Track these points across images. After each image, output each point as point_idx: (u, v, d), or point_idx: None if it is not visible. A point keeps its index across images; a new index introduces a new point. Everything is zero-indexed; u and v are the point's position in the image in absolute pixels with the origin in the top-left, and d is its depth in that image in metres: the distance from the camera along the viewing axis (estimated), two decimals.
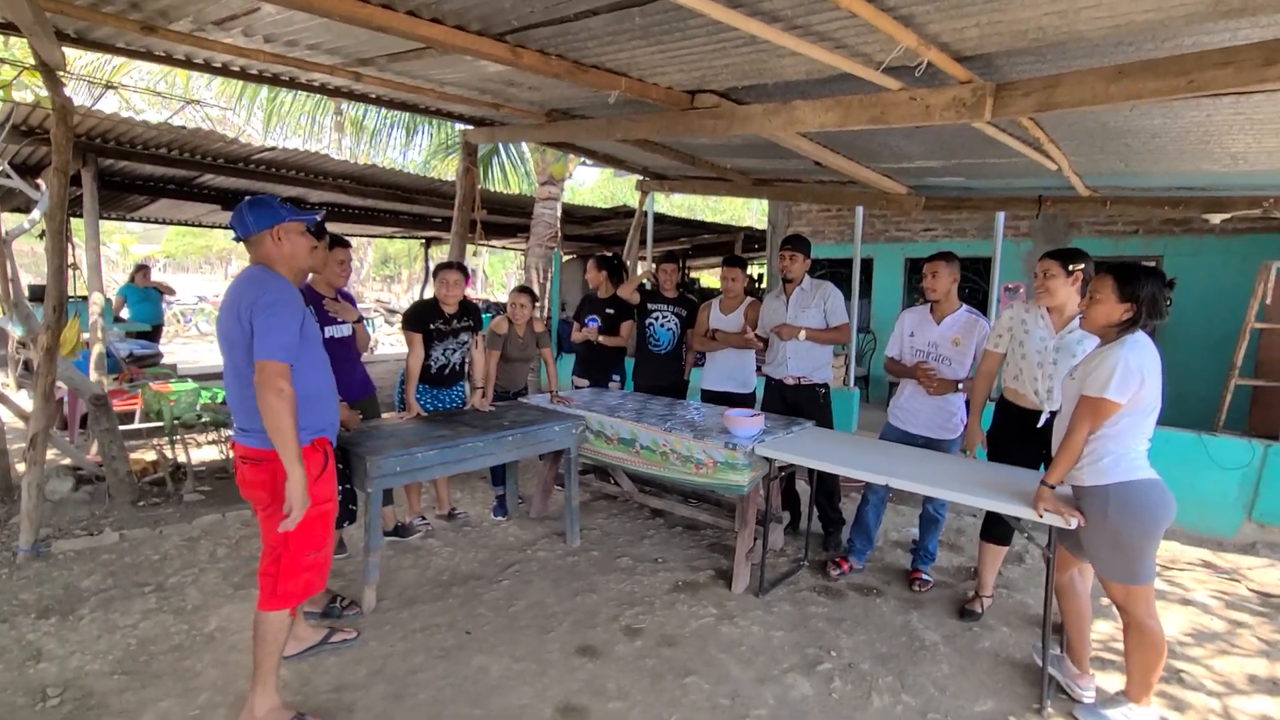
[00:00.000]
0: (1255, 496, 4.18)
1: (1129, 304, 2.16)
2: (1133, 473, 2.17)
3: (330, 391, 2.23)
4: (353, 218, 8.25)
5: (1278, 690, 2.61)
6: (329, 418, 2.20)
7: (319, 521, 2.13)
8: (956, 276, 3.22)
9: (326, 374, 2.20)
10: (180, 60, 3.46)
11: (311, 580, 2.18)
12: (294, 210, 2.14)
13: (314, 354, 2.14)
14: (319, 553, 2.17)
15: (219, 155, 5.61)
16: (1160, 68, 1.99)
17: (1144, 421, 2.19)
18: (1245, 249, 5.60)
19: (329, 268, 3.14)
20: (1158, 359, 2.19)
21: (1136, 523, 2.15)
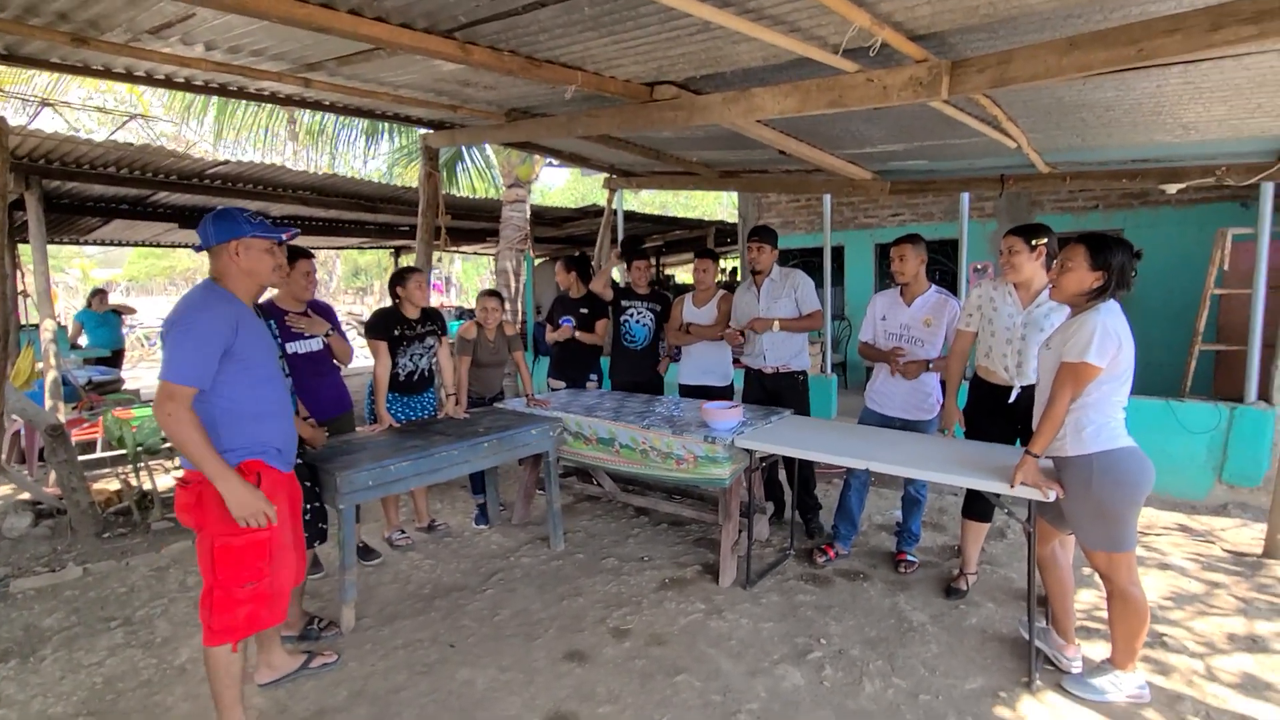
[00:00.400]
0: (1224, 459, 4.28)
1: (1100, 272, 2.18)
2: (1114, 441, 2.19)
3: (275, 411, 2.13)
4: (317, 229, 8.08)
5: (1256, 647, 2.66)
6: (267, 440, 2.09)
7: (249, 552, 2.03)
8: (924, 258, 3.23)
9: (268, 394, 2.10)
10: (120, 74, 3.33)
11: (256, 614, 2.07)
12: (261, 226, 2.07)
13: (251, 373, 2.04)
14: (256, 585, 2.05)
15: (171, 171, 5.44)
16: (1110, 38, 2.00)
17: (1121, 388, 2.22)
18: (1201, 218, 5.73)
19: (293, 280, 3.05)
20: (1128, 325, 2.21)
21: (1119, 490, 2.17)
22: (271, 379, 2.12)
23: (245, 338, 2.01)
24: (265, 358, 2.11)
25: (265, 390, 2.09)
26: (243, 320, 2.02)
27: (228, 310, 1.99)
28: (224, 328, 1.95)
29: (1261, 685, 2.41)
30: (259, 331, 2.10)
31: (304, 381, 3.08)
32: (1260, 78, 2.57)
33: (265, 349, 2.11)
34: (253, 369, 2.04)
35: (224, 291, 2.05)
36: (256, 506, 1.97)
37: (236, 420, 2.02)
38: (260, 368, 2.08)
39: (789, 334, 3.69)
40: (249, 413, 2.04)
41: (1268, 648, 2.65)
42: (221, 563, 2.01)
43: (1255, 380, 4.25)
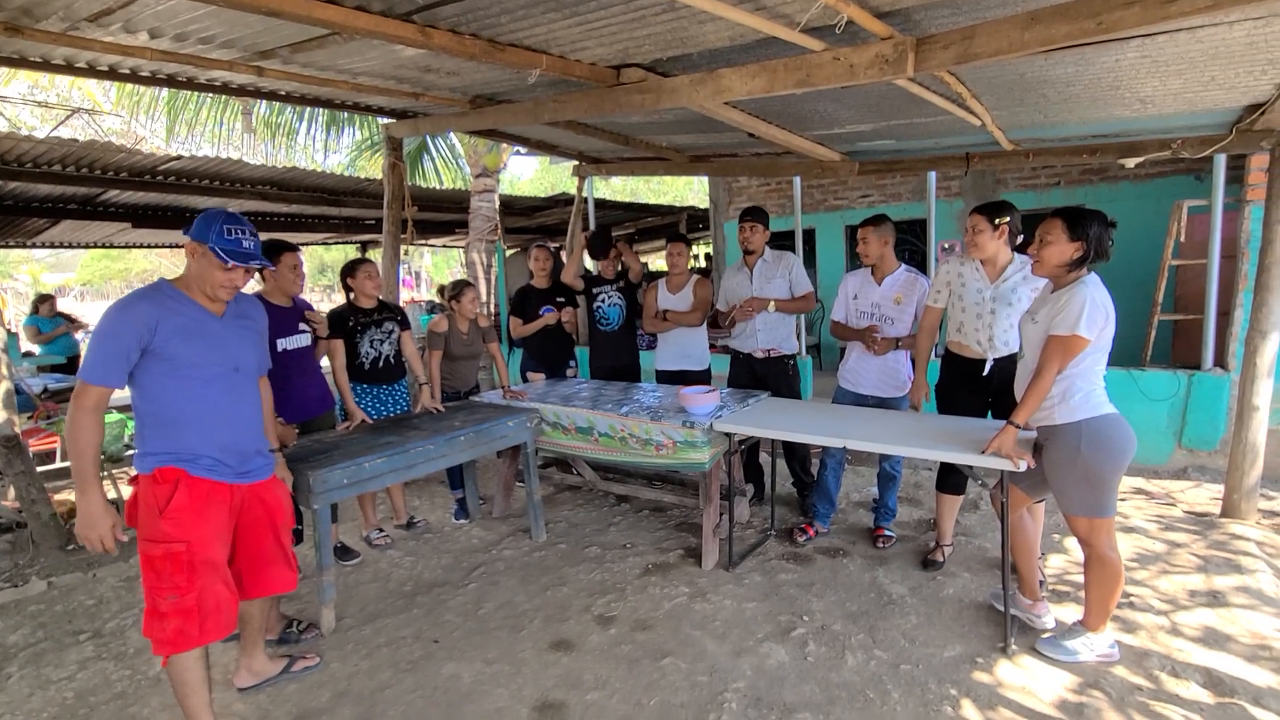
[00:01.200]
0: (1183, 424, 4.43)
1: (1079, 242, 2.24)
2: (1100, 408, 2.26)
3: (208, 418, 2.02)
4: (279, 226, 7.84)
5: (1216, 602, 2.77)
6: (194, 448, 1.99)
7: (165, 564, 1.94)
8: (888, 239, 3.28)
9: (201, 399, 2.00)
10: (60, 65, 3.17)
11: (183, 630, 1.96)
12: (231, 243, 1.98)
13: (180, 375, 1.96)
14: (179, 599, 1.95)
15: (121, 169, 5.22)
16: (1070, 11, 2.03)
17: (1102, 359, 2.28)
18: (1158, 192, 5.89)
19: (281, 275, 3.02)
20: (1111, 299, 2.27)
21: (1107, 456, 2.24)
22: (210, 383, 2.02)
23: (171, 338, 1.93)
24: (204, 361, 2.00)
25: (196, 395, 1.99)
26: (169, 319, 1.93)
27: (147, 309, 1.92)
28: (135, 327, 1.89)
29: (1222, 638, 2.52)
30: (199, 333, 2.00)
31: (292, 378, 3.07)
32: (1214, 50, 2.63)
33: (204, 353, 2.01)
34: (182, 371, 1.96)
35: (167, 289, 2.00)
36: (97, 532, 1.89)
37: (159, 423, 1.96)
38: (193, 370, 1.98)
39: (781, 316, 3.70)
40: (173, 416, 1.97)
41: (1227, 602, 2.76)
42: (143, 571, 1.97)
43: (1211, 348, 4.39)
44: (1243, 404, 3.63)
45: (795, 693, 2.31)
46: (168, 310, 1.95)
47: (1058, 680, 2.32)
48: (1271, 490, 4.03)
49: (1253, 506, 3.64)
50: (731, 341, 3.92)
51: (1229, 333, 4.35)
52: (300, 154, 10.26)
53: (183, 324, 1.97)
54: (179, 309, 1.98)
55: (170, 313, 1.95)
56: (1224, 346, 4.39)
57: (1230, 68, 2.84)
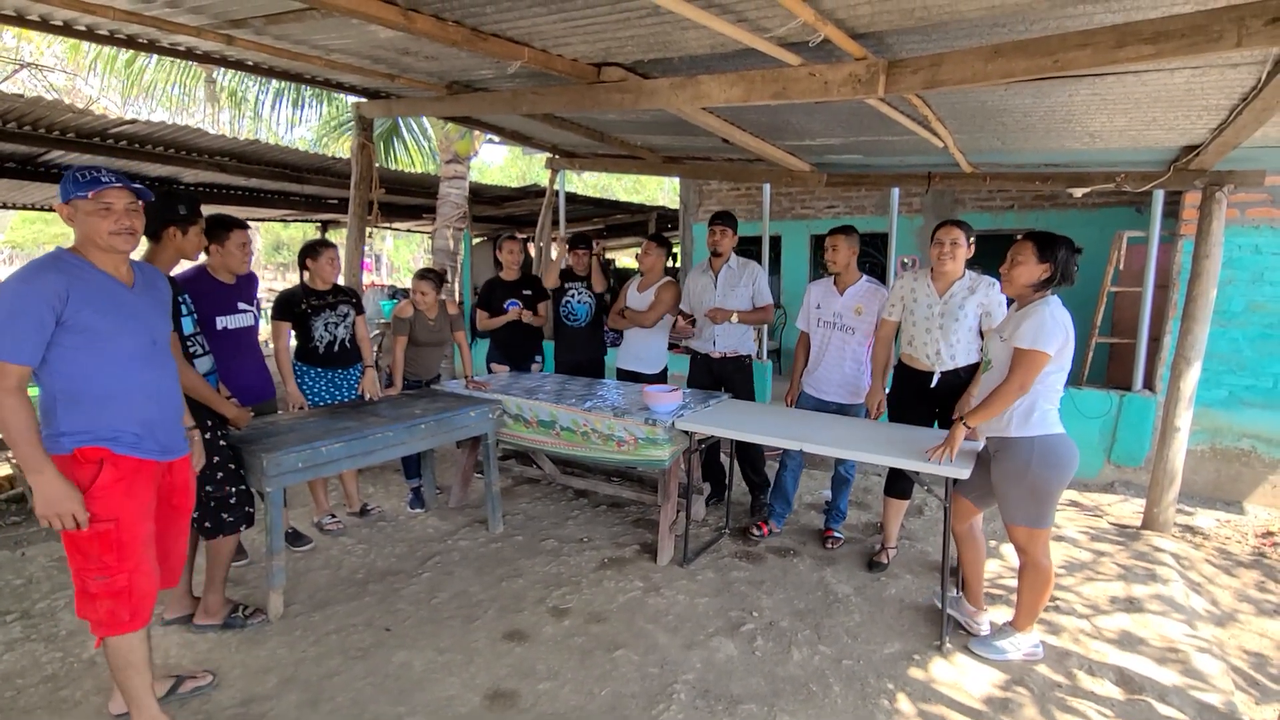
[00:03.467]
0: (1113, 441, 4.71)
1: (1047, 264, 2.37)
2: (1053, 427, 2.40)
3: (130, 392, 1.92)
4: (236, 199, 7.55)
5: (1133, 608, 2.98)
6: (116, 425, 1.89)
7: (94, 542, 1.87)
8: (855, 250, 3.41)
9: (121, 372, 1.90)
10: (10, 17, 3.00)
11: (114, 613, 1.90)
12: (90, 183, 1.84)
13: (96, 348, 1.84)
14: (109, 580, 1.88)
15: (69, 129, 4.95)
16: (1030, 48, 2.15)
17: (1062, 378, 2.42)
18: (1103, 221, 6.22)
19: (228, 252, 2.89)
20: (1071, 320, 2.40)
21: (1054, 473, 2.37)
22: (129, 357, 1.91)
23: (83, 308, 1.80)
24: (118, 332, 1.88)
25: (117, 369, 1.89)
26: (79, 289, 1.81)
27: (54, 278, 1.78)
28: (46, 297, 1.76)
29: (1136, 640, 2.71)
30: (113, 303, 1.88)
31: (230, 360, 2.92)
32: (1155, 94, 2.82)
33: (121, 324, 1.89)
34: (97, 344, 1.84)
35: (69, 258, 1.85)
36: (64, 508, 1.80)
37: (75, 401, 1.84)
38: (107, 344, 1.86)
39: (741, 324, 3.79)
40: (91, 393, 1.85)
41: (1142, 608, 2.97)
42: (69, 552, 1.89)
43: (1141, 370, 4.69)
44: (1165, 425, 3.89)
45: (742, 685, 2.38)
46: (75, 278, 1.82)
47: (986, 677, 2.46)
48: (1189, 506, 4.33)
49: (1170, 521, 3.91)
50: (691, 343, 4.00)
51: (1158, 357, 4.64)
52: (263, 128, 9.90)
53: (92, 293, 1.84)
54: (87, 277, 1.85)
55: (79, 281, 1.82)
56: (1153, 370, 4.68)
57: (1170, 110, 3.04)
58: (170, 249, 2.49)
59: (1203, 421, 4.51)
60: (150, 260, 2.45)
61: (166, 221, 2.45)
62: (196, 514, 2.53)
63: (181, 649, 2.54)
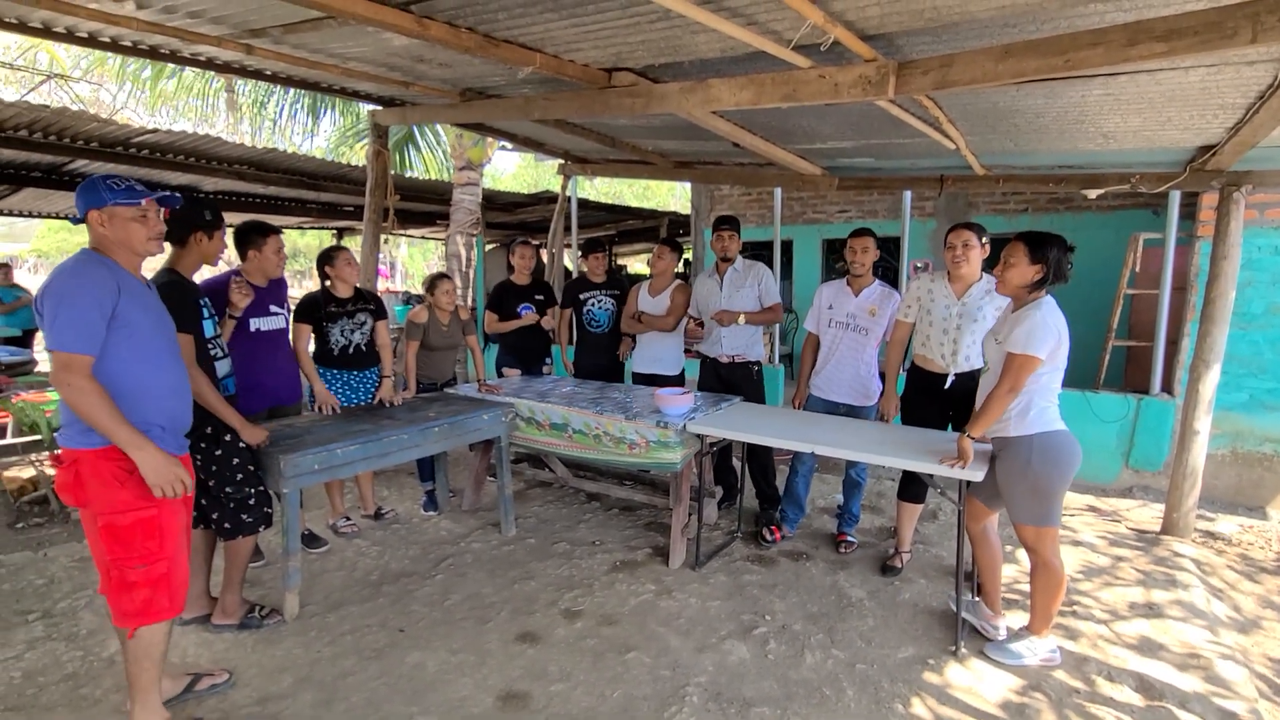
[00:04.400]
0: (1131, 445, 4.65)
1: (1039, 265, 2.36)
2: (1051, 424, 2.38)
3: (162, 388, 2.00)
4: (254, 207, 7.69)
5: (1153, 613, 2.93)
6: (150, 418, 1.95)
7: (136, 530, 1.92)
8: (878, 253, 3.42)
9: (155, 368, 1.98)
10: (37, 29, 3.09)
11: (154, 600, 1.95)
12: (127, 192, 1.94)
13: (135, 343, 1.92)
14: (148, 567, 1.94)
15: (93, 138, 5.08)
16: (1041, 47, 2.15)
17: (1058, 377, 2.40)
18: (1118, 223, 6.15)
19: (266, 257, 3.04)
20: (1065, 321, 2.39)
21: (1054, 469, 2.36)
22: (160, 354, 2.00)
23: (128, 305, 1.89)
24: (153, 331, 1.98)
25: (150, 365, 1.97)
26: (125, 287, 1.90)
27: (106, 275, 1.87)
28: (104, 292, 1.84)
29: (1156, 646, 2.66)
30: (145, 303, 1.98)
31: (263, 360, 3.05)
32: (1170, 93, 2.80)
33: (153, 321, 1.99)
34: (137, 339, 1.92)
35: (101, 257, 1.93)
36: (173, 474, 1.90)
37: (116, 394, 1.89)
38: (146, 340, 1.95)
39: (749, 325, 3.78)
40: (129, 387, 1.91)
41: (1162, 614, 2.92)
42: (108, 543, 1.92)
43: (1159, 373, 4.62)
44: (1184, 429, 3.83)
45: (755, 689, 2.37)
46: (123, 277, 1.91)
47: (1002, 682, 2.43)
48: (1210, 511, 4.26)
49: (1191, 526, 3.85)
50: (699, 346, 4.01)
51: (1176, 360, 4.58)
52: (280, 136, 10.07)
53: (135, 293, 1.93)
54: (124, 276, 1.93)
55: (125, 280, 1.92)
56: (1171, 373, 4.62)
57: (1185, 110, 3.01)
58: (195, 253, 2.56)
59: (1223, 425, 4.43)
60: (175, 264, 2.51)
61: (193, 227, 2.52)
62: (215, 515, 2.58)
63: (199, 648, 2.57)
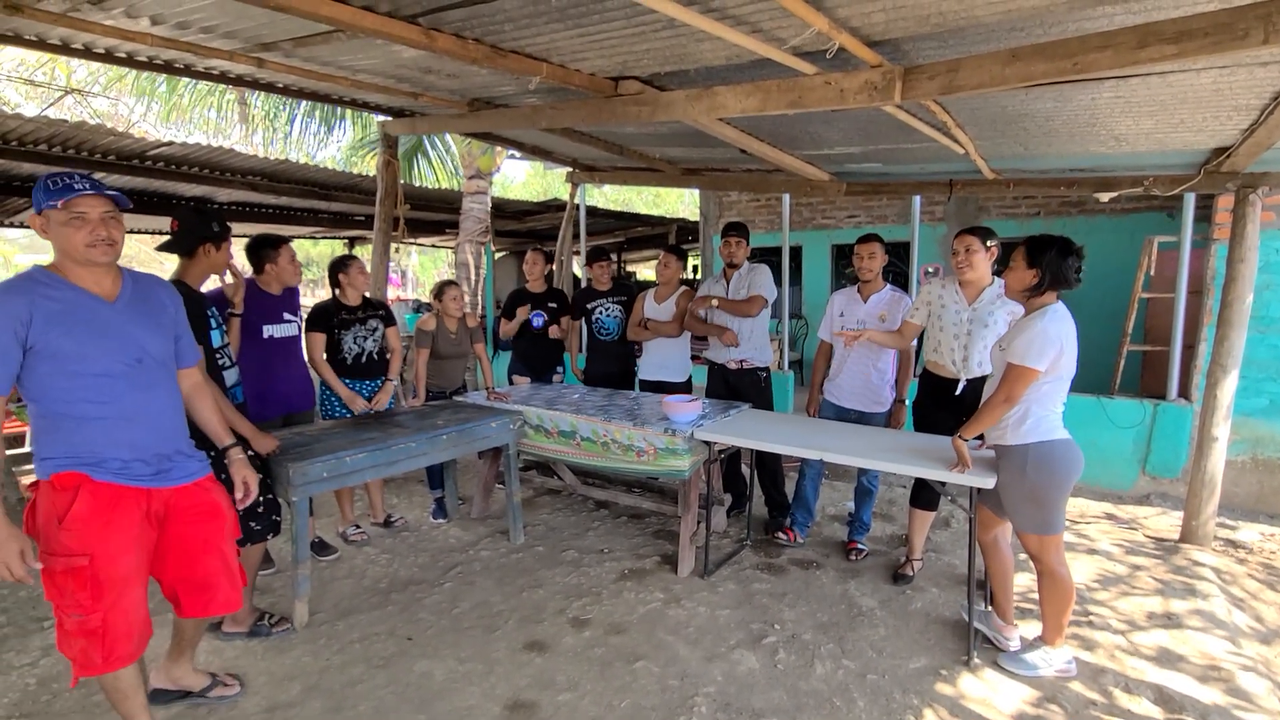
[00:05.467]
0: (1148, 452, 4.57)
1: (1034, 270, 2.32)
2: (1049, 433, 2.34)
3: (114, 417, 1.80)
4: (266, 217, 7.78)
5: (1171, 623, 2.87)
6: (96, 449, 1.78)
7: (69, 579, 1.74)
8: (886, 257, 3.41)
9: (98, 394, 1.78)
10: (55, 45, 3.16)
11: (87, 653, 1.78)
12: (61, 190, 1.72)
13: (69, 370, 1.74)
14: (84, 618, 1.76)
15: (109, 151, 5.16)
16: (1049, 51, 2.13)
17: (1061, 387, 2.36)
18: (1132, 226, 6.09)
19: (282, 266, 3.10)
20: (1074, 329, 2.33)
21: (1050, 477, 2.32)
22: (109, 377, 1.79)
23: (49, 330, 1.70)
24: (95, 353, 1.77)
25: (93, 393, 1.77)
26: (43, 308, 1.70)
27: (14, 301, 1.68)
28: (9, 323, 1.67)
29: (1175, 658, 2.61)
30: (85, 320, 1.76)
31: (276, 368, 3.09)
32: (1182, 94, 2.76)
33: (94, 342, 1.77)
34: (70, 367, 1.74)
35: (40, 277, 1.75)
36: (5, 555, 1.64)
37: (55, 425, 1.75)
38: (83, 365, 1.75)
39: (751, 328, 3.77)
40: (68, 416, 1.76)
41: (1181, 624, 2.86)
42: (45, 585, 1.77)
43: (1176, 379, 4.55)
44: (1203, 435, 3.77)
45: (764, 699, 2.35)
46: (39, 298, 1.71)
47: (1017, 693, 2.39)
48: (1231, 519, 4.18)
49: (1210, 534, 3.77)
50: (707, 352, 4.00)
51: (1193, 365, 4.51)
52: (293, 147, 10.21)
53: (60, 311, 1.73)
54: (54, 295, 1.74)
55: (43, 300, 1.72)
56: (1188, 378, 4.54)
57: (1198, 111, 2.98)
58: (203, 264, 2.59)
59: (1243, 431, 4.35)
60: (183, 276, 2.54)
61: (201, 239, 2.55)
62: None
63: (209, 656, 2.58)
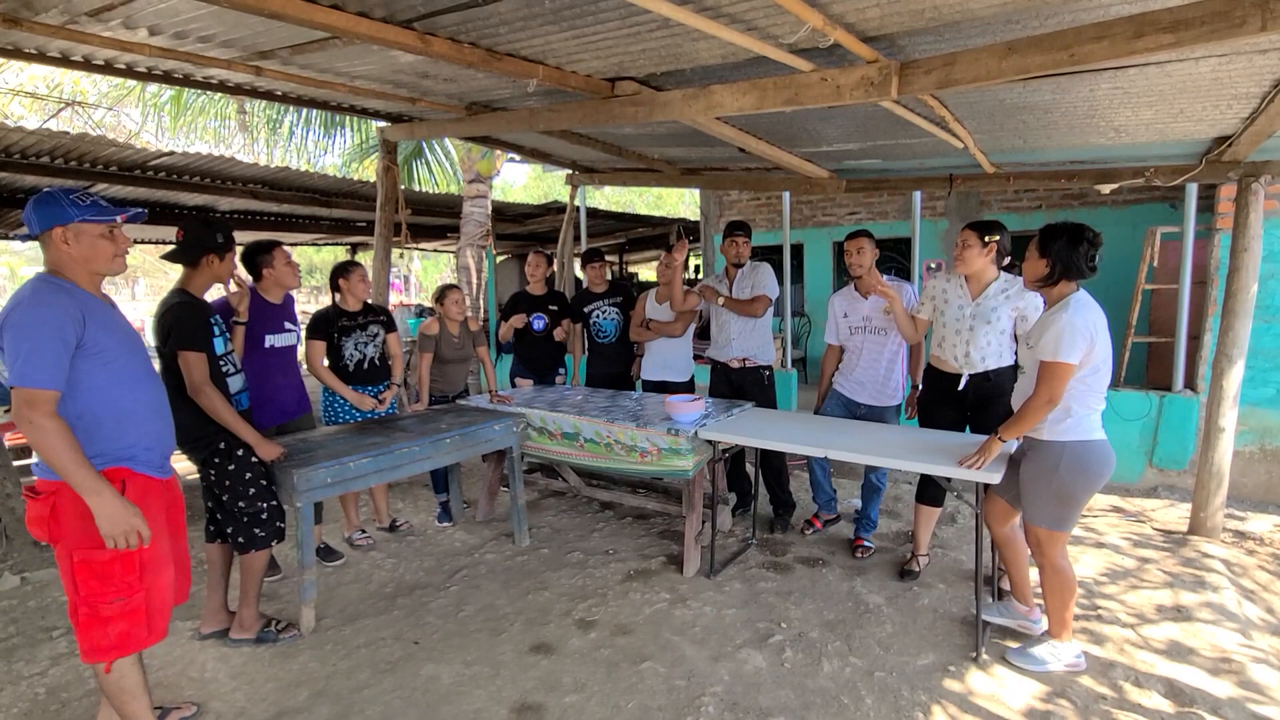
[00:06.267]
0: (1154, 444, 4.55)
1: (1045, 259, 2.31)
2: (1088, 433, 2.30)
3: (142, 411, 1.93)
4: (268, 225, 7.81)
5: (1181, 616, 2.85)
6: (133, 444, 1.90)
7: (114, 566, 1.85)
8: (876, 252, 3.41)
9: (133, 392, 1.91)
10: (55, 58, 3.17)
11: (130, 633, 1.89)
12: (93, 208, 1.85)
13: (110, 369, 1.85)
14: (125, 601, 1.87)
15: (111, 162, 5.19)
16: (1045, 43, 2.12)
17: (1099, 380, 2.29)
18: (1134, 218, 6.05)
19: (279, 270, 3.09)
20: (1103, 317, 2.29)
21: (1082, 478, 2.30)
22: (136, 376, 1.93)
23: (95, 331, 1.81)
24: (125, 352, 1.90)
25: (128, 388, 1.90)
26: (90, 312, 1.82)
27: (68, 302, 1.78)
28: (67, 321, 1.75)
29: (1185, 651, 2.59)
30: (111, 324, 1.89)
31: (275, 377, 3.10)
32: (1181, 84, 2.75)
33: (122, 342, 1.90)
34: (111, 364, 1.85)
35: (61, 282, 1.83)
36: (129, 525, 1.79)
37: (97, 423, 1.84)
38: (120, 362, 1.88)
39: (754, 327, 3.77)
40: (109, 414, 1.86)
41: (1191, 617, 2.84)
42: (83, 579, 1.84)
43: (1181, 370, 4.52)
44: (1209, 426, 3.74)
45: (771, 698, 2.34)
46: (86, 302, 1.83)
47: (1026, 689, 2.38)
48: (1240, 510, 4.15)
49: (1219, 525, 3.75)
50: (709, 351, 3.99)
51: (1199, 356, 4.48)
52: (294, 154, 10.25)
53: (101, 315, 1.85)
54: (88, 301, 1.84)
55: (85, 304, 1.82)
56: (1194, 369, 4.52)
57: (1198, 101, 2.96)
58: (207, 274, 2.60)
59: (1250, 421, 4.32)
60: (186, 285, 2.55)
61: (205, 249, 2.55)
62: (230, 530, 2.61)
63: (217, 663, 2.59)
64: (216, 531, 2.73)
